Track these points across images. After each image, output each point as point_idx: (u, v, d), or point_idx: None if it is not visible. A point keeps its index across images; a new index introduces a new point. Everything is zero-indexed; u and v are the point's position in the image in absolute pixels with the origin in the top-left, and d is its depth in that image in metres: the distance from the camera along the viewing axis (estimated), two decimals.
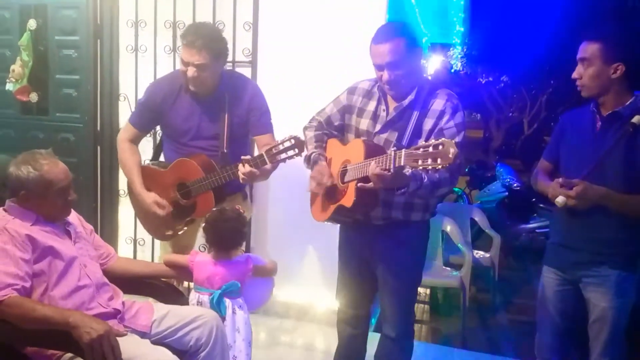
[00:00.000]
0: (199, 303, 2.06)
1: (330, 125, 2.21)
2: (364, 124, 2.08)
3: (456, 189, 6.72)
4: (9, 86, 3.60)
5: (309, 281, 3.28)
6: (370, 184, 1.82)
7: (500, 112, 12.59)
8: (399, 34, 1.95)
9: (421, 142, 1.72)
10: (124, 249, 3.57)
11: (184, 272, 2.17)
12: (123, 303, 1.99)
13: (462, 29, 8.56)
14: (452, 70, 11.77)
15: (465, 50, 10.92)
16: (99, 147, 3.56)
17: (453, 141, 1.59)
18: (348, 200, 1.95)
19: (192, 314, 1.98)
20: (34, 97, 3.62)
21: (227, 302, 2.04)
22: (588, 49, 1.91)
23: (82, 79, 3.50)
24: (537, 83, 10.67)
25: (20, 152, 1.93)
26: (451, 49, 11.32)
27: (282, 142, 2.17)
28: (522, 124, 12.04)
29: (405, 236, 2.09)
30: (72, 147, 3.57)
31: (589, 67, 1.91)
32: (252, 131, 2.54)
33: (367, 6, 3.02)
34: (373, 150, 1.90)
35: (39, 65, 3.58)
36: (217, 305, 2.00)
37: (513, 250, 5.49)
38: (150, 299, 2.20)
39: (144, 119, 2.56)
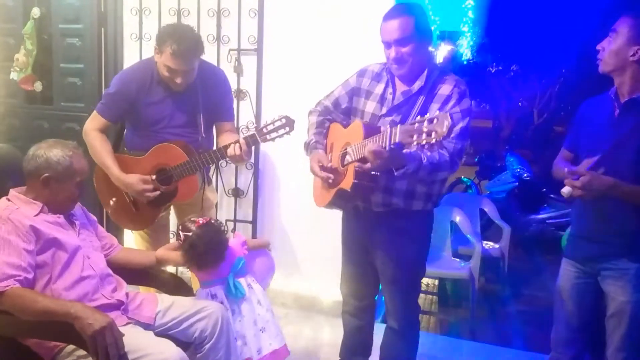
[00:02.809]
0: (213, 296, 2.02)
1: (337, 107, 2.18)
2: (370, 106, 2.07)
3: (465, 179, 6.66)
4: (13, 75, 3.57)
5: (315, 272, 3.25)
6: (368, 164, 1.78)
7: (510, 102, 12.45)
8: (409, 12, 1.94)
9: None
10: (130, 239, 3.54)
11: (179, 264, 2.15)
12: (127, 294, 1.97)
13: (472, 17, 8.44)
14: (463, 59, 11.64)
15: (474, 38, 10.79)
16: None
17: (447, 114, 1.56)
18: (347, 182, 1.92)
19: (197, 305, 1.95)
20: (38, 86, 3.60)
21: (242, 281, 2.02)
22: (620, 22, 1.86)
23: (87, 67, 3.48)
24: (548, 72, 10.52)
25: (25, 142, 1.92)
26: (460, 37, 11.18)
27: (273, 122, 2.24)
28: (532, 113, 11.89)
29: (405, 225, 2.06)
30: (77, 137, 3.51)
31: (613, 41, 1.86)
32: (220, 117, 2.56)
33: None
34: (372, 131, 1.86)
35: (43, 54, 3.55)
36: (234, 289, 1.98)
37: (523, 241, 5.42)
38: (154, 290, 2.18)
39: (116, 110, 2.49)
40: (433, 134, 1.55)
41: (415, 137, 1.58)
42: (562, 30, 8.28)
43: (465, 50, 11.63)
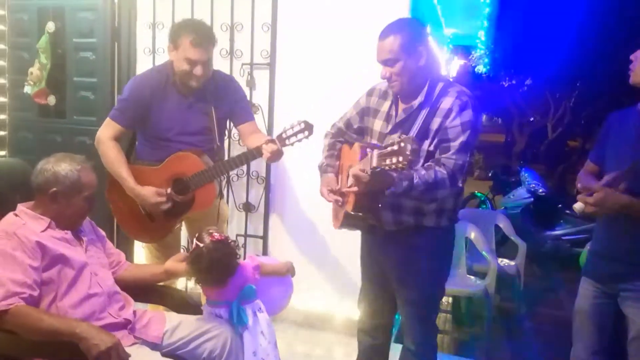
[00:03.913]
0: (218, 316, 1.96)
1: (350, 128, 2.18)
2: (378, 124, 2.06)
3: (479, 194, 6.59)
4: (27, 89, 3.59)
5: (327, 289, 3.19)
6: (355, 188, 1.79)
7: (524, 116, 12.35)
8: (396, 30, 1.92)
9: (426, 143, 1.85)
10: (139, 256, 3.52)
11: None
12: (134, 312, 1.92)
13: (485, 31, 8.41)
14: (476, 74, 11.59)
15: (488, 53, 10.74)
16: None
17: (410, 137, 1.58)
18: (349, 205, 1.91)
19: (206, 325, 1.90)
20: (51, 99, 3.61)
21: (247, 309, 1.94)
22: None
23: (100, 81, 3.47)
24: (562, 87, 10.43)
25: (38, 155, 1.92)
26: (473, 51, 11.15)
27: (292, 127, 2.28)
28: (545, 128, 11.78)
29: (418, 242, 2.01)
30: (89, 150, 3.51)
31: None
32: (238, 120, 2.56)
33: (389, 7, 2.93)
34: (373, 146, 1.84)
35: (57, 68, 3.56)
36: (237, 317, 1.91)
37: (538, 258, 5.32)
38: (162, 308, 2.13)
39: (130, 115, 2.46)
40: (400, 158, 1.56)
41: (387, 161, 1.59)
42: (577, 44, 8.22)
43: (479, 64, 11.58)
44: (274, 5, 3.11)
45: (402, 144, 1.57)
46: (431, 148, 1.91)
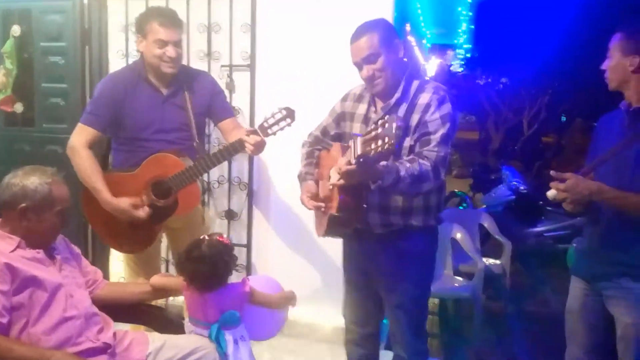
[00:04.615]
0: (200, 335, 1.85)
1: (326, 135, 2.18)
2: (356, 128, 2.06)
3: (459, 192, 6.58)
4: None
5: (315, 297, 3.10)
6: (341, 181, 1.74)
7: (499, 114, 12.48)
8: (372, 28, 1.95)
9: (407, 140, 1.85)
10: (117, 268, 3.37)
11: (176, 292, 1.98)
12: (114, 334, 1.81)
13: (465, 30, 8.48)
14: (453, 72, 11.69)
15: (465, 52, 10.85)
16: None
17: (393, 116, 1.58)
18: (334, 206, 1.85)
19: (191, 345, 1.80)
20: (18, 107, 3.46)
21: (227, 336, 1.82)
22: (612, 39, 1.90)
23: (70, 87, 3.33)
24: (537, 84, 10.58)
25: (6, 167, 1.79)
26: (449, 50, 11.22)
27: (273, 115, 2.19)
28: (521, 125, 11.93)
29: (407, 246, 2.00)
30: (60, 160, 3.36)
31: (610, 58, 1.91)
32: (217, 117, 2.48)
33: (372, 6, 2.85)
34: (347, 148, 1.81)
35: (24, 74, 3.42)
36: (216, 341, 1.79)
37: (521, 256, 5.33)
38: (144, 328, 2.01)
39: (103, 117, 2.35)
40: (386, 139, 1.53)
41: (372, 145, 1.57)
42: (552, 42, 8.35)
43: (456, 63, 11.68)
44: (253, 4, 3.02)
45: (386, 124, 1.54)
46: (412, 143, 1.92)
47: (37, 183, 1.71)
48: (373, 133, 1.57)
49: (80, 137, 2.34)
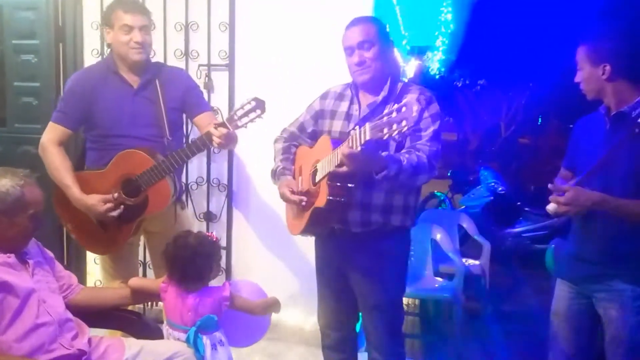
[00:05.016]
0: (177, 339, 1.81)
1: (303, 132, 2.17)
2: (337, 125, 2.05)
3: (438, 193, 6.62)
4: None
5: (295, 299, 3.06)
6: (344, 168, 1.71)
7: (477, 116, 12.62)
8: (371, 20, 2.02)
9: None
10: (94, 271, 3.29)
11: (154, 297, 1.94)
12: (89, 341, 1.75)
13: (442, 32, 8.56)
14: (431, 74, 11.79)
15: (443, 53, 10.95)
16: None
17: (414, 98, 1.58)
18: (322, 199, 1.83)
19: (169, 351, 1.76)
20: None
21: (205, 340, 1.79)
22: (578, 52, 1.90)
23: (43, 86, 3.25)
24: (515, 86, 10.73)
25: None
26: (428, 52, 11.30)
27: (242, 106, 2.11)
28: (499, 126, 12.08)
29: (385, 247, 2.00)
30: (33, 161, 3.26)
31: (581, 70, 1.91)
32: (192, 111, 2.43)
33: (351, 5, 2.84)
34: (340, 141, 1.80)
35: None
36: (193, 345, 1.76)
37: (499, 256, 5.37)
38: (121, 334, 1.96)
39: (73, 115, 2.33)
40: (404, 122, 1.52)
41: (386, 130, 1.56)
42: (529, 44, 8.47)
43: (434, 65, 11.77)
44: (231, 3, 2.98)
45: (404, 108, 1.52)
46: (400, 139, 1.90)
47: (9, 185, 1.65)
48: (386, 118, 1.56)
49: (51, 135, 2.32)
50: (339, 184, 1.78)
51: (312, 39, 2.91)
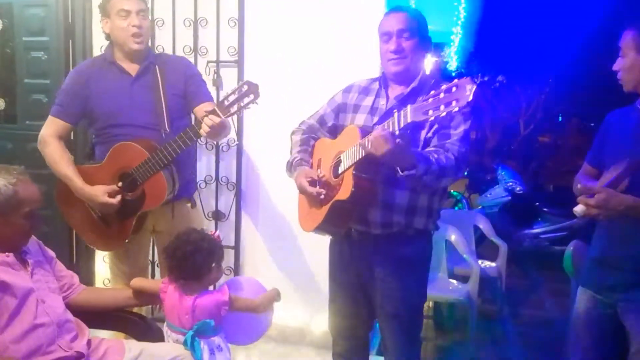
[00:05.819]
0: (175, 342, 1.78)
1: (323, 125, 2.07)
2: (360, 119, 1.95)
3: (455, 193, 6.51)
4: None
5: (304, 300, 3.01)
6: (372, 150, 1.60)
7: (495, 113, 12.40)
8: (416, 13, 1.92)
9: (423, 132, 1.77)
10: (102, 269, 3.28)
11: (155, 299, 1.90)
12: (89, 342, 1.72)
13: (462, 27, 8.41)
14: (449, 71, 11.62)
15: (462, 50, 10.78)
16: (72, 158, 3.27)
17: (469, 78, 1.47)
18: (345, 192, 1.73)
19: (170, 354, 1.72)
20: (0, 104, 3.38)
21: (203, 345, 1.74)
22: (623, 37, 1.75)
23: (53, 83, 3.22)
24: (534, 83, 10.51)
25: None
26: (446, 47, 11.15)
27: (234, 91, 1.99)
28: (518, 124, 11.84)
29: (407, 252, 1.90)
30: (43, 158, 3.29)
31: (623, 57, 1.76)
32: (193, 101, 2.34)
33: (363, 3, 2.78)
34: (368, 132, 1.70)
35: (6, 70, 3.33)
36: (191, 348, 1.71)
37: (517, 258, 5.26)
38: (124, 336, 1.92)
39: (72, 109, 2.31)
40: (454, 102, 1.43)
41: (431, 111, 1.48)
42: (549, 40, 8.30)
43: (452, 61, 11.60)
44: None
45: (454, 88, 1.43)
46: (429, 135, 1.83)
47: (1, 184, 1.61)
48: (432, 100, 1.48)
49: (49, 129, 2.31)
50: (365, 175, 1.70)
51: (322, 35, 2.86)
